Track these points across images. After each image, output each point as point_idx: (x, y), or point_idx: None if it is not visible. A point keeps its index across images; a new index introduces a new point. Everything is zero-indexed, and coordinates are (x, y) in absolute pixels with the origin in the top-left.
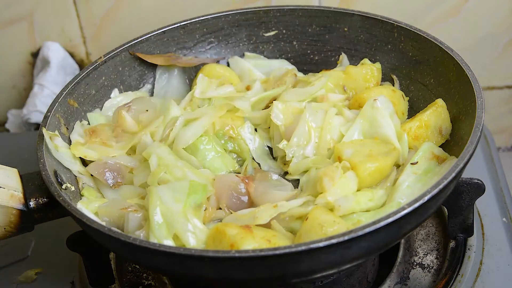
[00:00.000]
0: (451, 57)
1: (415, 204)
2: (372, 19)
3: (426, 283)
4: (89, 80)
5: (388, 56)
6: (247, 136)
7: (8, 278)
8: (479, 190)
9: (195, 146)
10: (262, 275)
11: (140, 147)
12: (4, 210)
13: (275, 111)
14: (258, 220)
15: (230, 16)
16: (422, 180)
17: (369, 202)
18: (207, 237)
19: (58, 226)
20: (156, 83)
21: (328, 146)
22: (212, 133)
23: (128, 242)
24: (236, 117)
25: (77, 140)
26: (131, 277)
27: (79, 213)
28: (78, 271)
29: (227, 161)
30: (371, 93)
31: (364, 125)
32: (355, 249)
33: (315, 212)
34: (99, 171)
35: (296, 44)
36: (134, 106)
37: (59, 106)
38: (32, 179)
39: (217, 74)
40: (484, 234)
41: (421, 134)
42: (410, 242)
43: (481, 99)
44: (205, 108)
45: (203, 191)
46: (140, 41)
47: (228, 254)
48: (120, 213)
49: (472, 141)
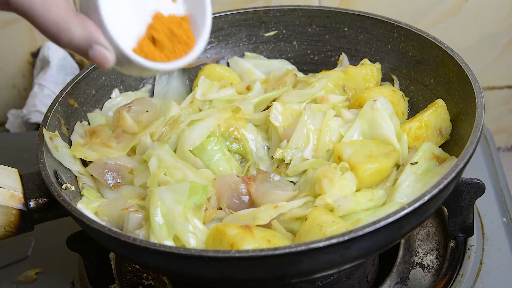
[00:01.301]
0: (451, 57)
1: (415, 204)
2: (372, 19)
3: (426, 283)
4: (89, 80)
5: (388, 56)
6: (249, 137)
7: (8, 278)
8: (479, 190)
9: (203, 146)
10: (262, 275)
11: (140, 148)
12: (4, 210)
13: (274, 113)
14: (258, 220)
15: (230, 16)
16: (422, 180)
17: (369, 202)
18: (207, 237)
19: (58, 226)
20: (156, 84)
21: (326, 147)
22: (219, 134)
23: (128, 242)
24: (239, 118)
25: (78, 141)
26: (131, 277)
27: (79, 213)
28: (78, 271)
29: (233, 165)
30: (371, 93)
31: (364, 125)
32: (355, 249)
33: (315, 213)
34: (99, 171)
35: (296, 44)
36: (134, 106)
37: (59, 106)
38: (32, 179)
39: (217, 74)
40: (484, 234)
41: (421, 134)
42: (410, 242)
43: (481, 99)
44: (210, 110)
45: (204, 192)
46: None
47: (228, 254)
48: (120, 213)
49: (472, 141)
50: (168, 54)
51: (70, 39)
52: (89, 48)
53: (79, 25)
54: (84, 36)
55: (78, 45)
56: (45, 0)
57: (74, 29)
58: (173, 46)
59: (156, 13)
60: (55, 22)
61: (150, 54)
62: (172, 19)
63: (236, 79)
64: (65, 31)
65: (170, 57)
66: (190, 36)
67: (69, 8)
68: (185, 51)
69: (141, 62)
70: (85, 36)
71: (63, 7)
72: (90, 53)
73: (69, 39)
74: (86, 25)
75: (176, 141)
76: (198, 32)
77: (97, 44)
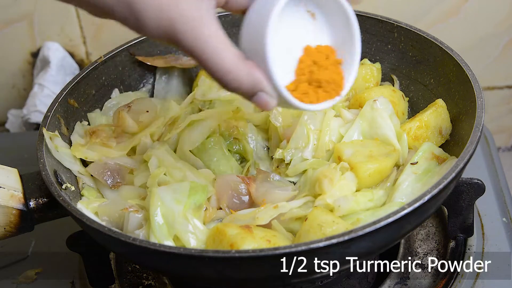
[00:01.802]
0: (451, 57)
1: (415, 204)
2: (372, 19)
3: (426, 283)
4: (89, 80)
5: (388, 56)
6: (249, 137)
7: (8, 278)
8: (479, 190)
9: (203, 146)
10: (262, 275)
11: (140, 148)
12: (4, 210)
13: (274, 113)
14: (258, 220)
15: (230, 16)
16: (422, 180)
17: (369, 202)
18: (207, 237)
19: (58, 226)
20: (156, 84)
21: (326, 148)
22: (219, 134)
23: (128, 242)
24: (239, 118)
25: (78, 141)
26: (131, 277)
27: (79, 213)
28: (78, 271)
29: (233, 165)
30: (371, 93)
31: (364, 126)
32: (355, 249)
33: (315, 213)
34: (99, 171)
35: None
36: (134, 106)
37: (59, 106)
38: (32, 179)
39: None
40: (484, 234)
41: (421, 134)
42: (410, 242)
43: (481, 99)
44: (210, 110)
45: (204, 192)
46: (140, 41)
47: (228, 254)
48: (120, 213)
49: (472, 141)
50: (321, 92)
51: (239, 86)
52: (255, 95)
53: (247, 72)
54: (251, 84)
55: (246, 92)
56: (217, 46)
57: (244, 78)
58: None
59: (306, 46)
60: (227, 70)
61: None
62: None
63: None
64: (235, 79)
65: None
66: (340, 73)
67: (239, 56)
68: (335, 91)
69: (299, 106)
70: (253, 84)
71: (235, 54)
72: (254, 99)
73: (238, 86)
74: (254, 73)
75: (176, 141)
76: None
77: (263, 92)
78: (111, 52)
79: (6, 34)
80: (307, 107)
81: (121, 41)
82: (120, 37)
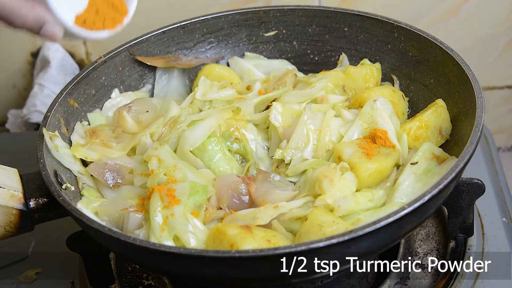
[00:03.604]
0: (451, 57)
1: (415, 204)
2: (372, 19)
3: (426, 283)
4: (89, 80)
5: (388, 56)
6: (249, 137)
7: (8, 278)
8: (479, 190)
9: (204, 146)
10: (262, 275)
11: (140, 148)
12: (4, 210)
13: (274, 113)
14: (258, 220)
15: (230, 16)
16: (422, 180)
17: (369, 202)
18: (207, 237)
19: (58, 226)
20: (156, 84)
21: (326, 148)
22: (219, 134)
23: (128, 242)
24: (240, 118)
25: (78, 141)
26: (131, 277)
27: (79, 213)
28: (78, 271)
29: (233, 165)
30: (371, 93)
31: (364, 126)
32: (355, 249)
33: (315, 213)
34: (99, 171)
35: (296, 44)
36: (134, 106)
37: (59, 106)
38: (32, 179)
39: (217, 74)
40: (484, 234)
41: (421, 134)
42: (410, 242)
43: (481, 99)
44: (210, 110)
45: (204, 192)
46: (140, 41)
47: (228, 254)
48: (120, 213)
49: (472, 141)
50: (109, 22)
51: (24, 21)
52: (41, 28)
53: (30, 8)
54: (35, 19)
55: (31, 26)
56: None
57: (27, 13)
58: (114, 14)
59: None
60: (9, 7)
61: (91, 24)
62: None
63: (236, 79)
64: (19, 15)
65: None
66: (123, 4)
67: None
68: (120, 20)
69: (80, 33)
70: (36, 18)
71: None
72: (41, 32)
73: (22, 21)
74: (36, 9)
75: (176, 141)
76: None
77: (48, 24)
78: (111, 52)
79: (6, 34)
80: (89, 34)
81: (121, 41)
82: (120, 37)
